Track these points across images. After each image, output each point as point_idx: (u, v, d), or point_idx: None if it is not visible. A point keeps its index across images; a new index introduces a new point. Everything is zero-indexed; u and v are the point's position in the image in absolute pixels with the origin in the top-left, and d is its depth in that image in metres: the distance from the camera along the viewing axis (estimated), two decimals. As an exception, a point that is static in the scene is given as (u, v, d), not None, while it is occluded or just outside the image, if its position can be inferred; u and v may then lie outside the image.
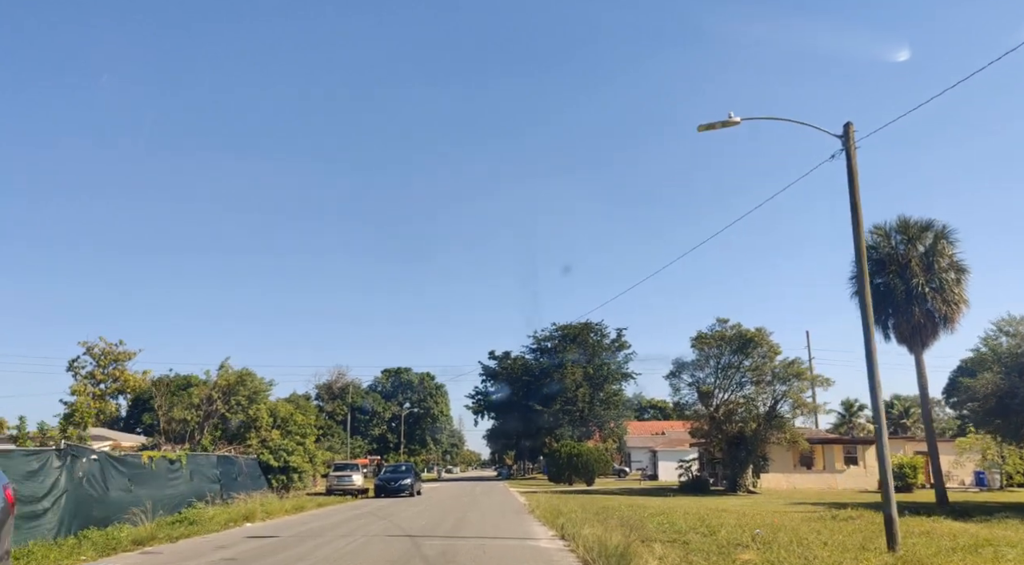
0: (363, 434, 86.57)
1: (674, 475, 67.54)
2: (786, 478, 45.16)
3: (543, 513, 20.52)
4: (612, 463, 61.98)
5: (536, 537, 15.43)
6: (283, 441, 29.01)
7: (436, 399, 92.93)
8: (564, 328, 75.24)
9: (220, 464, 23.10)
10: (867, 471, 45.18)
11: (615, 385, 74.73)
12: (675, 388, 43.95)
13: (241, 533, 16.71)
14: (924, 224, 28.90)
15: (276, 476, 28.28)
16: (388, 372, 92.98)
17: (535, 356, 77.72)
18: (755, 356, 41.60)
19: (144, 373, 61.22)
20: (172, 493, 19.41)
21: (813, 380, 42.61)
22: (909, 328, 28.09)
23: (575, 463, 50.57)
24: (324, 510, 24.97)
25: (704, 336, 42.53)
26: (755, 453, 41.58)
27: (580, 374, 71.52)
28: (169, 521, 17.12)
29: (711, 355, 42.75)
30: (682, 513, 21.01)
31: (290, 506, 23.59)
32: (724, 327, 42.40)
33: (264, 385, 30.28)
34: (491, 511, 23.79)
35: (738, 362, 41.86)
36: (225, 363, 29.99)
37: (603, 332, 75.81)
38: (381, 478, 36.37)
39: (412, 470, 37.37)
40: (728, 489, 41.80)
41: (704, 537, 14.66)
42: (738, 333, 41.65)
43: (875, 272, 29.83)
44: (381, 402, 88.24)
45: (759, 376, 41.12)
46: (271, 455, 28.21)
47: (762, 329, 41.43)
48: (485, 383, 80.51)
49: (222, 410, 29.01)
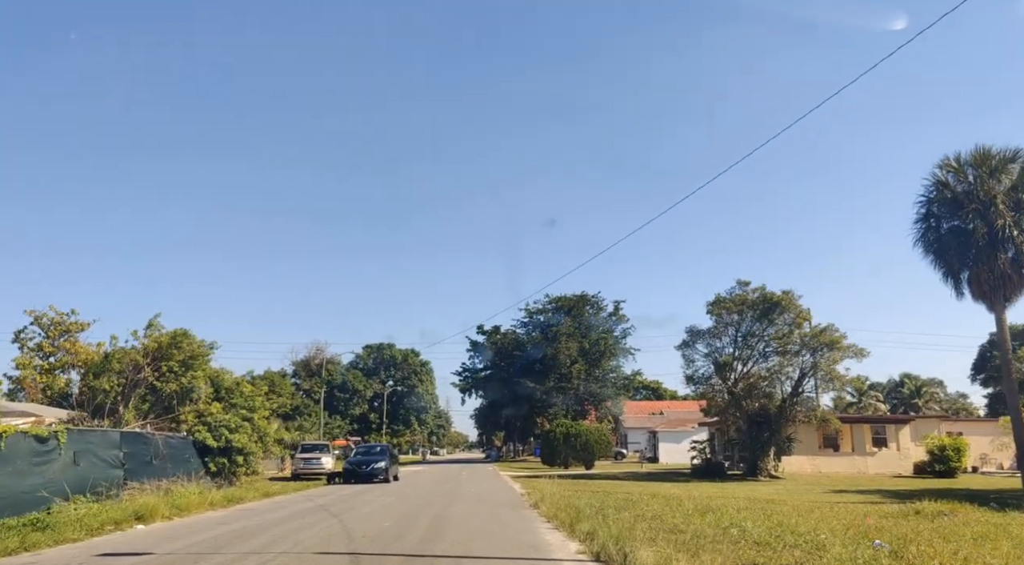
0: (343, 413, 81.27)
1: (675, 458, 63.27)
2: (810, 461, 40.24)
3: (551, 508, 15.25)
4: (613, 445, 56.87)
5: (556, 556, 9.98)
6: (225, 416, 23.57)
7: (421, 377, 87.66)
8: (558, 299, 70.11)
9: (126, 443, 17.56)
10: (900, 453, 40.36)
11: (612, 361, 69.76)
12: (688, 360, 38.82)
13: (105, 544, 11.31)
14: (1009, 154, 23.69)
15: (215, 459, 22.87)
16: (370, 348, 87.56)
17: (526, 330, 72.62)
18: (780, 323, 36.57)
19: (99, 345, 55.31)
20: (37, 483, 14.01)
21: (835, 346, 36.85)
22: (991, 279, 22.97)
23: (573, 444, 45.54)
24: (266, 502, 19.63)
25: (722, 300, 37.39)
26: (779, 433, 36.65)
27: (575, 349, 66.50)
28: (11, 525, 11.77)
29: (730, 322, 37.62)
30: (733, 509, 15.84)
31: (219, 498, 18.23)
32: (745, 290, 37.25)
33: (203, 349, 24.75)
34: (481, 503, 18.57)
35: (761, 330, 36.80)
36: (154, 321, 24.45)
37: (600, 304, 70.84)
38: (351, 461, 31.08)
39: (388, 452, 32.09)
40: (747, 474, 36.88)
41: (810, 555, 9.45)
42: (762, 296, 36.52)
43: (946, 214, 24.72)
44: (362, 380, 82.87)
45: (785, 345, 36.07)
46: (209, 433, 22.81)
47: (789, 292, 36.33)
48: (473, 359, 75.44)
49: (150, 378, 23.56)
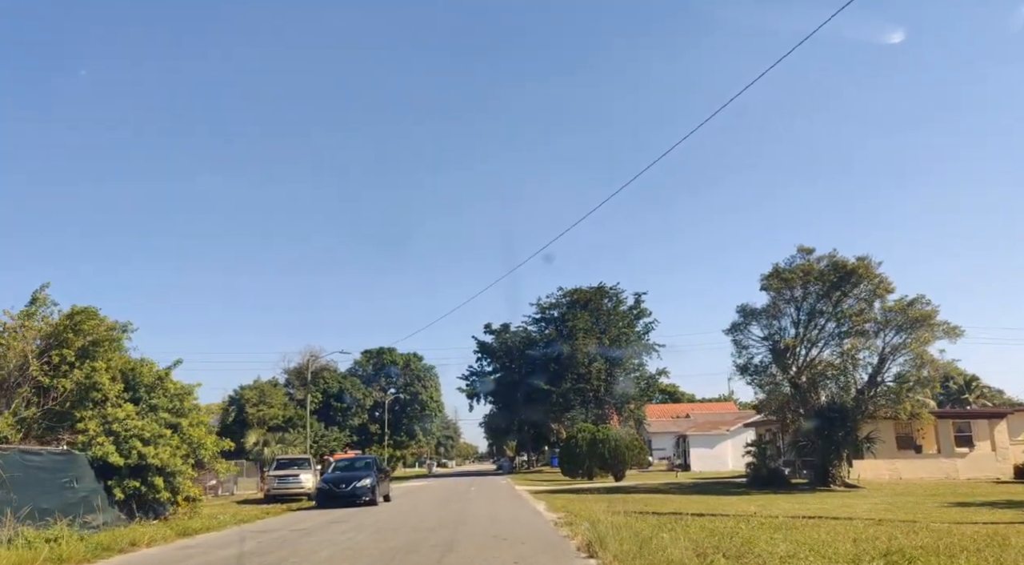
0: (340, 424, 74.50)
1: (709, 465, 56.36)
2: (888, 465, 33.43)
3: (619, 553, 8.65)
4: (648, 451, 49.96)
5: None
6: (138, 422, 16.98)
7: (425, 383, 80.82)
8: (573, 293, 63.42)
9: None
10: (997, 454, 33.49)
11: (635, 360, 62.94)
12: (740, 346, 32.11)
13: None
14: None
15: (123, 483, 16.29)
16: (369, 353, 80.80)
17: (539, 327, 65.89)
18: (855, 296, 29.92)
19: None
20: None
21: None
22: None
23: (600, 452, 38.77)
24: (167, 550, 12.95)
25: (781, 271, 30.72)
26: (853, 432, 29.93)
27: (594, 346, 59.70)
28: None
29: (791, 298, 30.99)
30: (894, 549, 9.18)
31: (89, 547, 11.60)
32: (810, 258, 30.58)
33: (111, 333, 18.21)
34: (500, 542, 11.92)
35: (830, 306, 30.15)
36: (40, 294, 17.86)
37: (619, 297, 64.08)
38: (326, 479, 24.16)
39: (374, 465, 25.18)
40: (816, 482, 30.17)
41: None
42: (832, 265, 29.84)
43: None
44: (361, 388, 76.10)
45: (862, 324, 29.39)
46: (113, 446, 16.28)
47: (866, 258, 29.57)
48: (480, 361, 68.60)
49: (36, 374, 17.04)
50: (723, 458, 56.80)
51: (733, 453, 57.28)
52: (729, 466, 55.14)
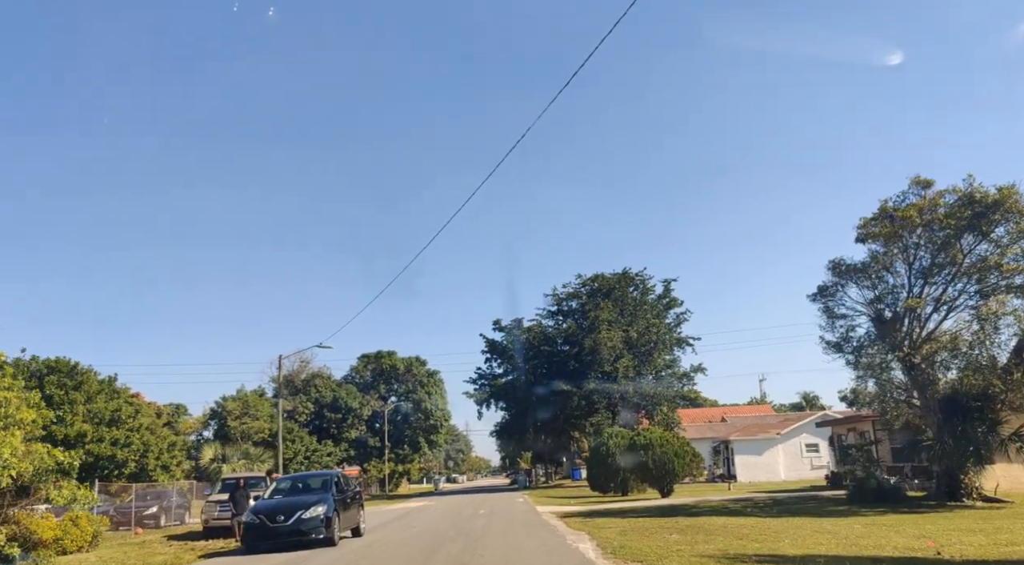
0: (336, 438, 66.67)
1: (756, 474, 48.17)
2: None
3: None
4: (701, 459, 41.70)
5: None
6: None
7: (429, 389, 72.80)
8: (594, 279, 55.55)
9: None
10: None
11: (667, 355, 54.84)
12: (829, 314, 24.03)
13: None
14: None
15: None
16: (367, 357, 72.97)
17: (556, 321, 57.95)
18: (997, 240, 21.84)
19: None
20: None
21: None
22: None
23: (642, 462, 30.63)
24: None
25: (892, 210, 22.69)
26: (996, 428, 21.83)
27: (619, 339, 51.73)
28: None
29: (904, 247, 22.94)
30: None
31: None
32: (930, 193, 22.53)
33: None
34: None
35: (960, 255, 22.05)
36: None
37: (646, 284, 56.10)
38: (257, 508, 15.68)
39: (331, 485, 16.51)
40: (942, 494, 22.20)
41: None
42: (965, 198, 21.75)
43: None
44: (357, 396, 68.26)
45: (1011, 276, 21.34)
46: None
47: (1012, 187, 21.49)
48: (489, 362, 60.57)
49: None
50: (774, 466, 48.73)
51: (785, 460, 49.28)
52: (781, 475, 47.23)
